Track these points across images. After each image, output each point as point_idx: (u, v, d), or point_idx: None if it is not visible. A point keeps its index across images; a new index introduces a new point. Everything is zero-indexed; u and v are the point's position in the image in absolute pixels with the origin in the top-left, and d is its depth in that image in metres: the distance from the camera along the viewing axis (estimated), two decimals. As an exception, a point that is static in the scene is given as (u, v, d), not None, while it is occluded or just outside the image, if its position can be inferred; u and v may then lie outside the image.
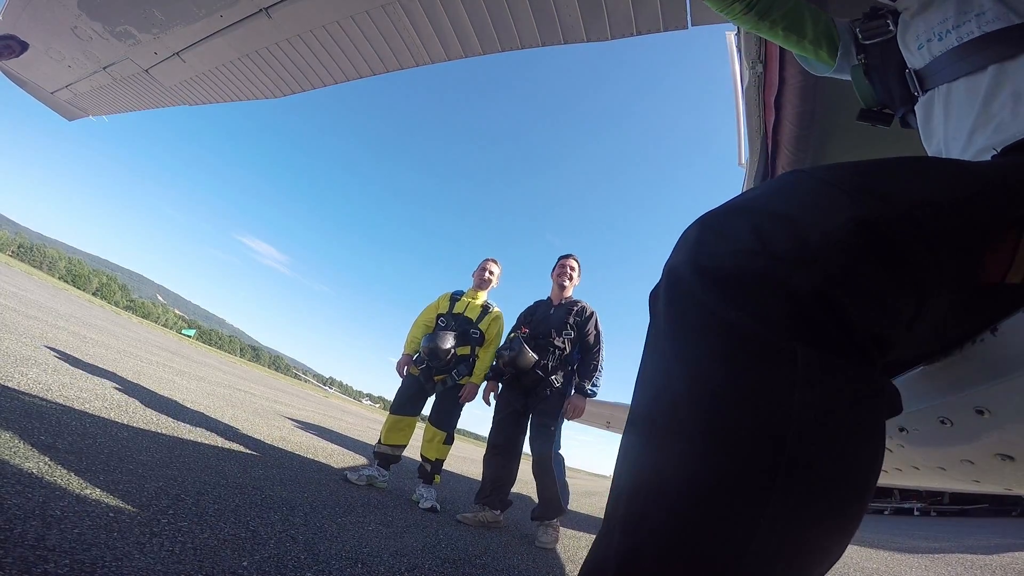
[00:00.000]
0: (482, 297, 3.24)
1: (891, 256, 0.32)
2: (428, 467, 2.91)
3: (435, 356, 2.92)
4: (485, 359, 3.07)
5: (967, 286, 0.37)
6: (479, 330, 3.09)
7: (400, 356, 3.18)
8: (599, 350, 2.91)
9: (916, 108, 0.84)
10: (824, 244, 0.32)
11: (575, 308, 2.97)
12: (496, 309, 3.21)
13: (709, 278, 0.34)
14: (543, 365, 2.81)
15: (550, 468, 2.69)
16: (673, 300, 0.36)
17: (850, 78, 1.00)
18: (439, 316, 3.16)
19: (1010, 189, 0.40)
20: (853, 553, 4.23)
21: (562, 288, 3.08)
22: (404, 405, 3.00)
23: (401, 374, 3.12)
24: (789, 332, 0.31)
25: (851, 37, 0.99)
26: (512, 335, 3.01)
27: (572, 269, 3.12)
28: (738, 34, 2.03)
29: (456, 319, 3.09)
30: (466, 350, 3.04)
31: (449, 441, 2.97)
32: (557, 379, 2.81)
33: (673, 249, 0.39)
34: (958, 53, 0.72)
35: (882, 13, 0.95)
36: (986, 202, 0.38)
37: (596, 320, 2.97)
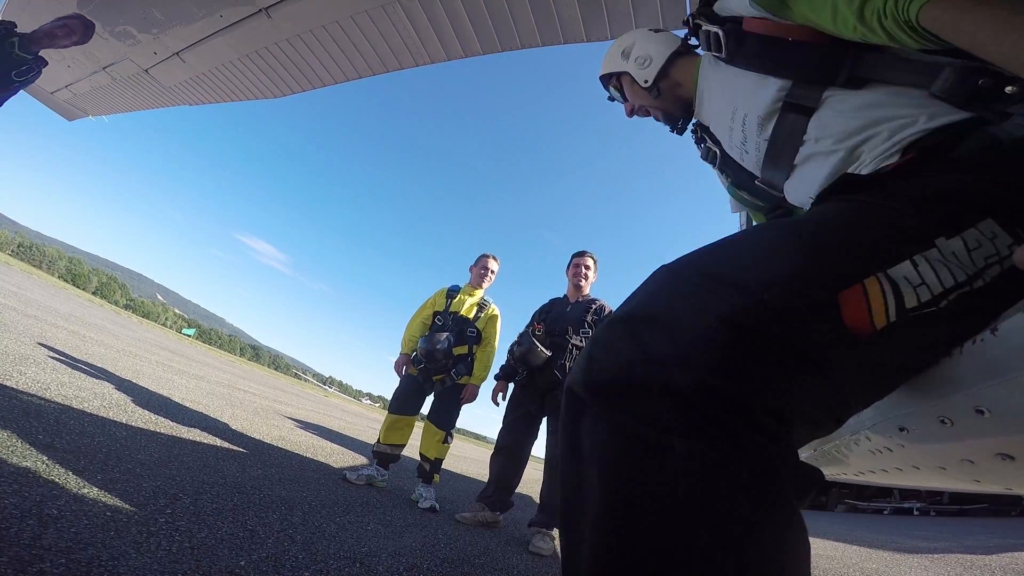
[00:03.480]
0: (479, 294, 3.22)
1: (756, 341, 0.35)
2: (427, 466, 2.91)
3: (432, 358, 2.91)
4: (483, 358, 3.06)
5: (846, 343, 0.38)
6: (476, 329, 3.08)
7: (398, 356, 3.17)
8: None
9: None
10: (696, 343, 0.35)
11: (593, 306, 2.88)
12: (493, 307, 3.20)
13: (599, 391, 0.37)
14: (560, 365, 2.70)
15: None
16: (572, 418, 0.40)
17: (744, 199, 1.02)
18: (436, 314, 3.14)
19: (839, 244, 0.43)
20: (853, 554, 4.23)
21: (578, 288, 2.99)
22: (403, 405, 2.99)
23: (400, 374, 3.11)
24: (671, 427, 0.34)
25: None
26: (524, 331, 2.93)
27: (587, 268, 3.01)
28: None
29: (453, 318, 3.08)
30: (463, 349, 3.03)
31: (448, 440, 2.97)
32: None
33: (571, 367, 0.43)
34: (768, 164, 0.82)
35: (698, 134, 1.02)
36: (822, 264, 0.41)
37: None
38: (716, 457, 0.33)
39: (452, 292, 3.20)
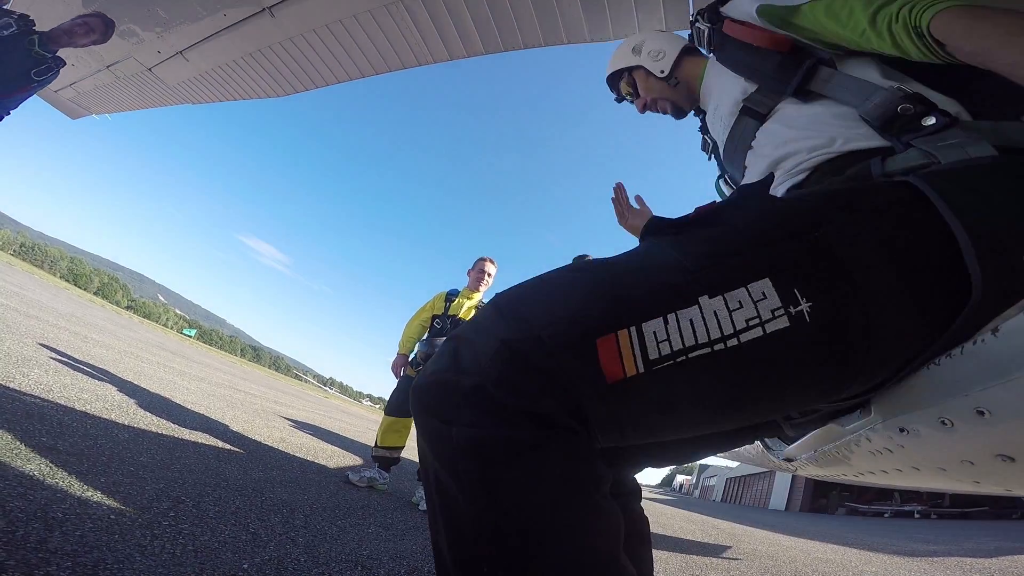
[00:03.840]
0: (477, 298, 3.23)
1: (525, 364, 0.43)
2: (428, 468, 2.91)
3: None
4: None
5: (599, 382, 0.43)
6: None
7: (395, 357, 3.16)
8: None
9: None
10: (485, 357, 0.44)
11: None
12: None
13: (417, 394, 0.47)
14: None
15: None
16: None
17: None
18: (434, 317, 3.15)
19: (611, 294, 0.47)
20: (853, 557, 4.23)
21: None
22: (400, 406, 2.98)
23: (397, 375, 3.11)
24: (452, 418, 0.43)
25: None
26: None
27: None
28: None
29: (452, 321, 3.08)
30: (463, 352, 3.03)
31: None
32: None
33: None
34: (727, 162, 0.90)
35: (702, 126, 1.09)
36: (592, 311, 0.46)
37: None
38: (483, 441, 0.41)
39: (451, 296, 3.22)
